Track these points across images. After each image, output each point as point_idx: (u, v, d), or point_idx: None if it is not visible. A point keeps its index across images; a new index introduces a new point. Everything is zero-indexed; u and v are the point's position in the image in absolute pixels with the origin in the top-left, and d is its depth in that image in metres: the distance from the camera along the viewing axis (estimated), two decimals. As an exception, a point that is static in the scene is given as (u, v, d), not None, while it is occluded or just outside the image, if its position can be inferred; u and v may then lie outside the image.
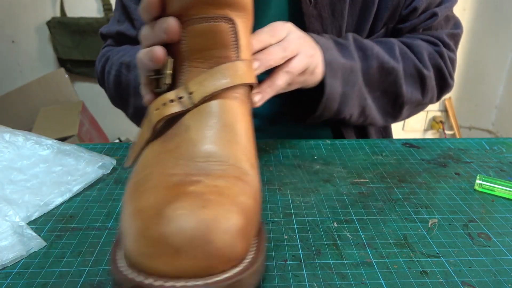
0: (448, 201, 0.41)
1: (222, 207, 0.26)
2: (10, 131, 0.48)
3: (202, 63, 0.33)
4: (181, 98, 0.32)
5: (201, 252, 0.24)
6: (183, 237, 0.24)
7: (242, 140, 0.32)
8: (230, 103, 0.33)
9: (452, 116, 2.00)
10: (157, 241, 0.24)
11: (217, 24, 0.32)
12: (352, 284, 0.30)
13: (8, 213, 0.36)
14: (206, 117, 0.32)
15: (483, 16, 1.82)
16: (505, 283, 0.31)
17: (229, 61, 0.33)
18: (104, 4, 1.78)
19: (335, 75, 0.49)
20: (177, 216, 0.24)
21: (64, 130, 1.61)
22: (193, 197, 0.26)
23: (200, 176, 0.28)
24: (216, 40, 0.33)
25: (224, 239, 0.24)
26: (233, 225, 0.25)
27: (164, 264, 0.24)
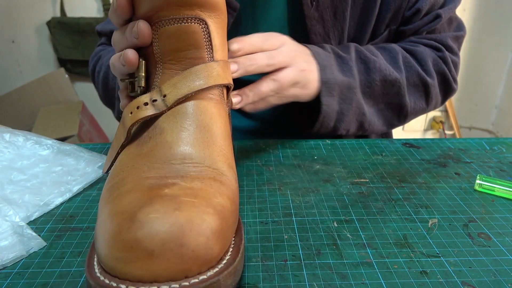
0: (448, 201, 0.41)
1: (196, 209, 0.25)
2: (10, 131, 0.48)
3: (175, 65, 0.33)
4: (155, 101, 0.32)
5: (175, 255, 0.23)
6: (157, 241, 0.23)
7: (218, 140, 0.32)
8: (204, 104, 0.33)
9: (452, 116, 2.00)
10: (129, 246, 0.23)
11: (188, 25, 0.32)
12: (352, 284, 0.30)
13: (8, 213, 0.36)
14: (180, 118, 0.31)
15: (483, 16, 1.82)
16: (505, 283, 0.31)
17: (203, 62, 0.33)
18: (104, 4, 1.78)
19: (332, 93, 0.50)
20: (150, 220, 0.24)
21: (64, 130, 1.61)
22: (167, 200, 0.25)
23: (176, 179, 0.28)
24: (188, 41, 0.32)
25: (198, 241, 0.24)
26: (207, 227, 0.25)
27: (137, 268, 0.23)
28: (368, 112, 0.54)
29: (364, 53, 0.53)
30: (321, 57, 0.49)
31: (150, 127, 0.32)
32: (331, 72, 0.49)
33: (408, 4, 0.55)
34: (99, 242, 0.25)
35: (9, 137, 0.47)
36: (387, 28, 0.57)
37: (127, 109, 0.33)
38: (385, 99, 0.55)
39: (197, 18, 0.32)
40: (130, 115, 0.32)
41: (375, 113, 0.55)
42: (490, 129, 1.98)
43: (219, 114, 0.33)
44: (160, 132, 0.31)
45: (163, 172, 0.29)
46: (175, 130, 0.31)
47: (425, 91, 0.57)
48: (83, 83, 1.93)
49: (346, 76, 0.50)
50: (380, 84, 0.53)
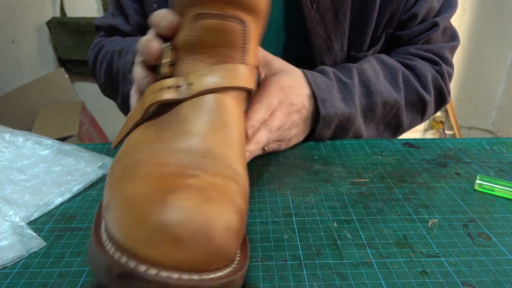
0: (448, 201, 0.41)
1: (224, 206, 0.26)
2: (10, 131, 0.48)
3: (207, 58, 0.33)
4: (179, 87, 0.32)
5: (202, 247, 0.23)
6: (187, 229, 0.23)
7: (237, 141, 0.32)
8: (228, 103, 0.33)
9: (452, 116, 2.00)
10: (157, 229, 0.23)
11: (229, 24, 0.32)
12: (352, 284, 0.30)
13: (8, 213, 0.36)
14: (205, 112, 0.32)
15: (483, 16, 1.82)
16: (505, 283, 0.31)
17: (234, 62, 0.33)
18: (104, 4, 1.78)
19: (329, 126, 0.51)
20: (181, 207, 0.24)
21: (64, 130, 1.61)
22: (195, 190, 0.26)
23: (197, 171, 0.28)
24: (226, 39, 0.33)
25: (223, 238, 0.24)
26: (233, 225, 0.25)
27: (162, 253, 0.23)
28: (366, 135, 0.55)
29: (366, 75, 0.53)
30: (321, 89, 0.49)
31: (172, 114, 0.32)
32: (332, 105, 0.49)
33: (405, 8, 0.55)
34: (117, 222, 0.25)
35: (9, 137, 0.47)
36: (383, 32, 0.57)
37: (149, 89, 0.33)
38: (384, 120, 0.56)
39: (238, 19, 0.32)
40: (151, 95, 0.33)
41: (373, 135, 0.56)
42: (490, 129, 1.98)
43: (239, 115, 0.34)
44: (182, 120, 0.31)
45: (183, 162, 0.28)
46: (198, 123, 0.31)
47: (422, 108, 0.59)
48: (83, 83, 1.93)
49: (347, 106, 0.51)
50: (381, 106, 0.54)
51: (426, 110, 0.59)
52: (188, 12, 0.33)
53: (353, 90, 0.51)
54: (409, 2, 0.55)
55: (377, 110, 0.53)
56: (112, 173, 0.30)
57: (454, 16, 0.60)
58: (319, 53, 0.55)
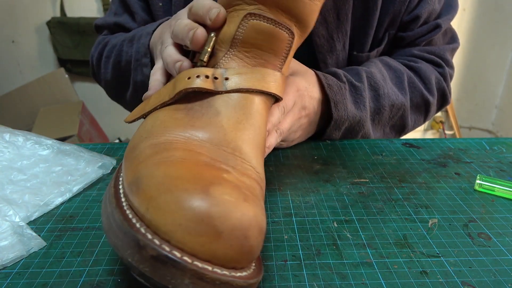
0: (448, 201, 0.41)
1: (258, 207, 0.26)
2: (10, 131, 0.48)
3: (247, 58, 0.33)
4: (216, 79, 0.33)
5: (238, 244, 0.24)
6: (228, 224, 0.23)
7: (261, 144, 0.33)
8: (260, 106, 0.34)
9: (452, 116, 2.00)
10: (200, 218, 0.23)
11: (280, 31, 0.33)
12: (352, 284, 0.30)
13: (8, 213, 0.36)
14: (237, 110, 0.32)
15: (483, 16, 1.82)
16: (505, 283, 0.31)
17: (273, 69, 0.34)
18: (104, 4, 1.78)
19: (340, 128, 0.51)
20: (225, 201, 0.24)
21: (64, 130, 1.61)
22: (233, 186, 0.26)
23: (228, 167, 0.28)
24: (272, 45, 0.33)
25: (257, 239, 0.25)
26: (263, 228, 0.26)
27: (199, 243, 0.23)
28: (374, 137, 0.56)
29: (374, 79, 0.53)
30: (334, 91, 0.49)
31: (203, 103, 0.32)
32: (344, 108, 0.50)
33: (407, 9, 0.56)
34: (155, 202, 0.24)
35: (9, 137, 0.47)
36: (385, 33, 0.58)
37: (185, 73, 0.33)
38: (390, 123, 0.57)
39: (289, 29, 0.33)
40: (186, 80, 0.32)
41: (380, 136, 0.57)
42: (490, 129, 1.98)
43: (266, 119, 0.34)
44: (216, 113, 0.32)
45: (214, 155, 0.29)
46: (231, 119, 0.31)
47: (426, 109, 0.60)
48: (83, 83, 1.93)
49: (358, 109, 0.51)
50: (388, 109, 0.54)
51: (429, 111, 0.60)
52: (241, 8, 0.33)
53: (363, 94, 0.52)
54: (411, 3, 0.55)
55: (384, 113, 0.54)
56: (136, 151, 0.29)
57: (454, 16, 0.61)
58: (322, 52, 0.56)
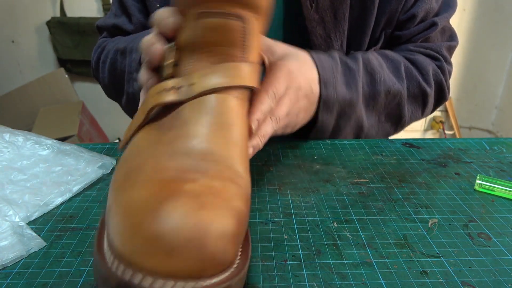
0: (448, 201, 0.41)
1: (218, 211, 0.25)
2: (10, 131, 0.48)
3: (209, 58, 0.33)
4: (180, 88, 0.32)
5: (196, 254, 0.23)
6: (180, 237, 0.23)
7: (239, 142, 0.32)
8: (230, 103, 0.33)
9: (452, 116, 2.00)
10: (151, 239, 0.23)
11: (228, 21, 0.32)
12: (352, 284, 0.30)
13: (8, 213, 0.36)
14: (205, 113, 0.31)
15: (483, 16, 1.82)
16: (505, 283, 0.31)
17: (235, 61, 0.33)
18: (104, 4, 1.78)
19: (330, 111, 0.50)
20: (174, 216, 0.24)
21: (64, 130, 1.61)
22: (190, 196, 0.25)
23: (196, 174, 0.27)
24: (226, 37, 0.32)
25: (218, 244, 0.24)
26: (227, 231, 0.25)
27: (156, 262, 0.23)
28: (367, 124, 0.54)
29: (371, 64, 0.53)
30: (325, 70, 0.48)
31: (173, 116, 0.32)
32: (334, 88, 0.48)
33: (404, 8, 0.55)
34: (115, 230, 0.25)
35: (9, 137, 0.47)
36: (382, 32, 0.57)
37: (151, 91, 0.33)
38: (386, 111, 0.55)
39: (238, 16, 0.32)
40: (152, 97, 0.32)
41: (374, 124, 0.56)
42: (490, 129, 1.98)
43: (242, 115, 0.33)
44: (184, 123, 0.31)
45: (183, 165, 0.28)
46: (199, 124, 0.31)
47: (423, 101, 0.58)
48: (83, 83, 1.93)
49: (349, 90, 0.50)
50: (384, 96, 0.53)
51: (426, 103, 0.58)
52: (190, 11, 0.33)
53: (357, 76, 0.51)
54: (408, 2, 0.55)
55: (379, 99, 0.53)
56: (114, 178, 0.29)
57: (454, 16, 0.60)
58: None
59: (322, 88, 0.48)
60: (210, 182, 0.27)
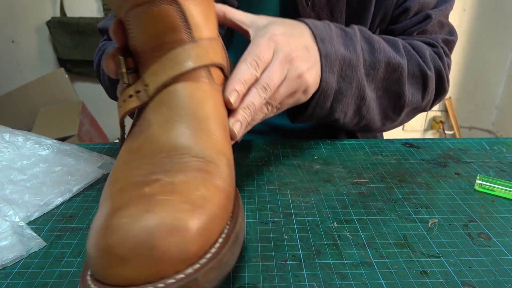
0: (448, 201, 0.41)
1: (169, 208, 0.25)
2: (10, 131, 0.48)
3: (156, 52, 0.31)
4: (138, 92, 0.31)
5: (146, 259, 0.23)
6: (127, 247, 0.23)
7: (206, 125, 0.31)
8: (189, 90, 0.31)
9: (452, 116, 2.00)
10: (104, 252, 0.24)
11: (159, 8, 0.30)
12: (352, 284, 0.30)
13: (8, 213, 0.36)
14: (166, 108, 0.31)
15: (483, 16, 1.82)
16: (505, 283, 0.31)
17: (182, 45, 0.31)
18: (104, 4, 1.78)
19: (332, 69, 0.46)
20: (121, 225, 0.24)
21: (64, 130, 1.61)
22: (141, 201, 0.25)
23: (160, 174, 0.27)
24: (163, 25, 0.31)
25: (169, 242, 0.23)
26: (181, 226, 0.24)
27: (113, 274, 0.23)
28: (369, 95, 0.50)
29: (368, 32, 0.50)
30: (319, 29, 0.45)
31: (141, 121, 0.31)
32: (331, 45, 0.45)
33: (397, 2, 0.55)
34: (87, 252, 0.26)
35: (9, 137, 0.47)
36: (377, 28, 0.57)
37: (118, 102, 0.33)
38: (385, 85, 0.52)
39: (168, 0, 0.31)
40: (119, 109, 0.32)
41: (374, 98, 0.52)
42: (490, 129, 1.98)
43: (207, 97, 0.32)
44: (148, 125, 0.31)
45: (150, 168, 0.28)
46: (161, 122, 0.30)
47: (423, 83, 0.55)
48: (83, 83, 1.93)
49: (348, 51, 0.47)
50: (384, 67, 0.50)
51: (426, 87, 0.55)
52: (123, 12, 0.31)
53: (354, 38, 0.48)
54: None
55: (380, 69, 0.50)
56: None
57: (454, 16, 0.60)
58: None
59: (319, 44, 0.44)
60: (172, 178, 0.27)
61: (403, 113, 0.55)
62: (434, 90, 0.56)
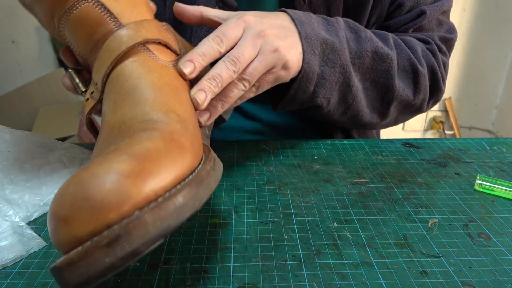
0: (448, 201, 0.41)
1: (105, 162, 0.25)
2: (10, 131, 0.48)
3: (95, 53, 0.33)
4: (93, 93, 0.34)
5: (86, 211, 0.22)
6: (66, 206, 0.23)
7: (150, 93, 0.31)
8: (128, 70, 0.32)
9: (452, 116, 2.00)
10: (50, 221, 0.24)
11: (79, 9, 0.32)
12: (352, 284, 0.30)
13: (8, 213, 0.36)
14: (112, 94, 0.32)
15: (483, 16, 1.82)
16: (505, 283, 0.31)
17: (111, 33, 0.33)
18: (104, 4, 1.78)
19: (314, 51, 0.44)
20: (59, 191, 0.24)
21: (64, 130, 1.61)
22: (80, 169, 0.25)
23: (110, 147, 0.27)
24: (89, 23, 0.32)
25: (104, 189, 0.23)
26: (116, 171, 0.24)
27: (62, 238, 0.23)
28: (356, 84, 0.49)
29: (353, 22, 0.49)
30: (297, 14, 0.44)
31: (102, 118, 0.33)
32: (311, 28, 0.44)
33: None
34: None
35: (9, 137, 0.47)
36: (373, 25, 0.57)
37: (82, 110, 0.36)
38: (373, 76, 0.50)
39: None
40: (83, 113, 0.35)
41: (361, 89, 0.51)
42: (490, 129, 1.98)
43: (149, 71, 0.33)
44: (104, 115, 0.32)
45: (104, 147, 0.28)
46: (110, 107, 0.31)
47: (414, 79, 0.53)
48: (83, 83, 1.93)
49: (330, 35, 0.46)
50: (371, 56, 0.49)
51: (418, 83, 0.53)
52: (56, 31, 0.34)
53: (336, 25, 0.47)
54: None
55: (366, 58, 0.48)
56: None
57: (454, 16, 0.59)
58: None
59: (298, 26, 0.43)
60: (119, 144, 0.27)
61: (392, 107, 0.53)
62: (428, 88, 0.55)
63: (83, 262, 0.22)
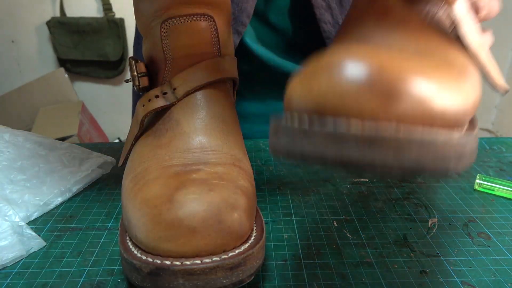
0: (448, 201, 0.41)
1: (227, 190, 0.28)
2: (10, 131, 0.48)
3: (185, 60, 0.34)
4: (165, 94, 0.34)
5: (215, 230, 0.25)
6: (198, 218, 0.25)
7: (231, 129, 0.34)
8: (215, 96, 0.34)
9: (452, 116, 2.00)
10: (172, 225, 0.25)
11: (198, 23, 0.34)
12: (352, 284, 0.30)
13: (8, 213, 0.36)
14: (195, 110, 0.33)
15: (483, 16, 1.82)
16: (505, 283, 0.31)
17: (211, 57, 0.35)
18: (104, 4, 1.78)
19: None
20: (189, 200, 0.26)
21: (64, 130, 1.61)
22: (199, 183, 0.28)
23: (199, 165, 0.30)
24: (198, 38, 0.34)
25: (233, 218, 0.26)
26: (239, 205, 0.27)
27: (181, 245, 0.25)
28: None
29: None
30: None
31: (165, 120, 0.34)
32: None
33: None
34: (137, 227, 0.27)
35: (9, 137, 0.47)
36: None
37: (139, 102, 0.35)
38: None
39: (205, 15, 0.34)
40: (142, 107, 0.35)
41: None
42: (490, 129, 1.98)
43: (229, 105, 0.35)
44: (176, 124, 0.33)
45: (185, 160, 0.30)
46: (191, 121, 0.33)
47: None
48: (83, 83, 1.93)
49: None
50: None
51: None
52: (154, 21, 0.35)
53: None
54: None
55: None
56: (123, 187, 0.32)
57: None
58: (330, 38, 0.56)
59: None
60: (213, 168, 0.30)
61: None
62: None
63: (203, 277, 0.25)
